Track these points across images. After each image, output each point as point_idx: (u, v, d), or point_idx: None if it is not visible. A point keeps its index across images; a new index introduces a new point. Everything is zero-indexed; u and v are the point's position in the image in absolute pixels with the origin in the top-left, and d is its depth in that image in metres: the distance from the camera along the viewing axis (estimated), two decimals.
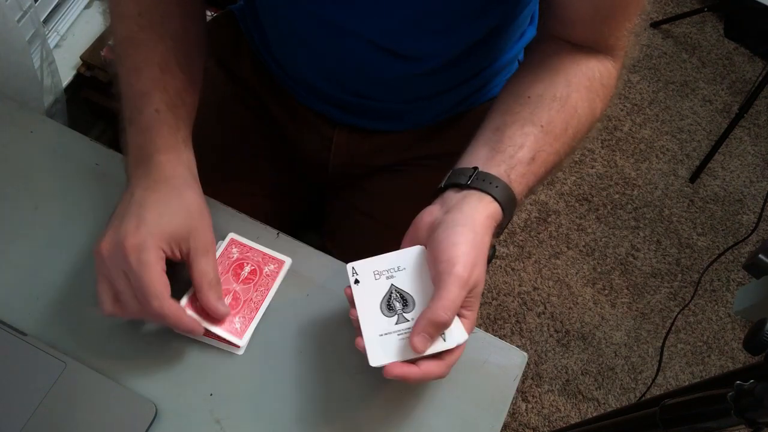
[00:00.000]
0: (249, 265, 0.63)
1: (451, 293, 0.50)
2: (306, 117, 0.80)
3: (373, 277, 0.55)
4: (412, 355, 0.51)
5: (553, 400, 1.47)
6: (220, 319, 0.59)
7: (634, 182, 1.79)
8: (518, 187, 0.56)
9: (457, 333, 0.52)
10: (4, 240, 0.63)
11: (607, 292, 1.62)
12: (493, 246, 0.86)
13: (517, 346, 0.61)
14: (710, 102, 1.96)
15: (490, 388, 0.59)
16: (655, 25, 2.07)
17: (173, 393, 0.57)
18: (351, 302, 0.55)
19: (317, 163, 0.83)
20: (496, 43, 0.71)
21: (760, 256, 0.79)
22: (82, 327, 0.59)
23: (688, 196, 1.79)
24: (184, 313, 0.55)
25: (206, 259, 0.56)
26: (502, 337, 1.19)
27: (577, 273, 1.64)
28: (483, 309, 1.55)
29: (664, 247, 1.71)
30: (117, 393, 0.56)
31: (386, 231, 0.78)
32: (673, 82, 1.99)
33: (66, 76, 1.26)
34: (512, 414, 1.43)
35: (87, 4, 1.33)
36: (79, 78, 1.28)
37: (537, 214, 1.70)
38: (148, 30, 0.62)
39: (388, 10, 0.61)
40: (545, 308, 1.58)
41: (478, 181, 0.55)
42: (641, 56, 2.02)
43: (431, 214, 0.56)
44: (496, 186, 0.55)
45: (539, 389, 1.48)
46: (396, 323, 0.53)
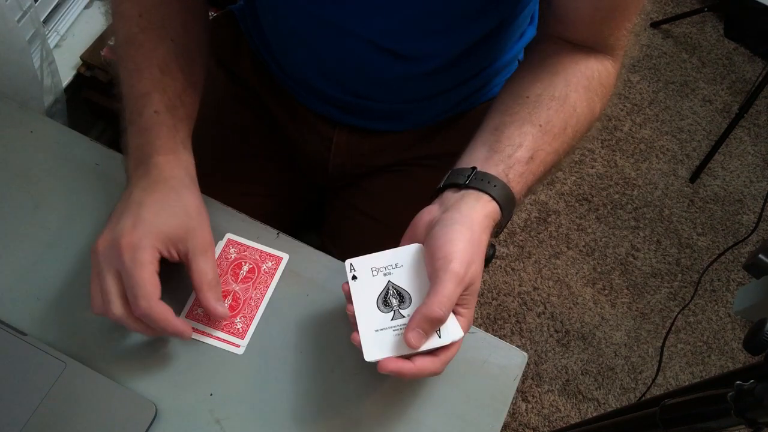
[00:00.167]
0: (247, 264, 0.63)
1: (447, 289, 0.50)
2: (306, 117, 0.80)
3: (371, 273, 0.55)
4: (407, 350, 0.51)
5: (553, 400, 1.47)
6: (220, 320, 0.59)
7: (634, 182, 1.79)
8: (517, 187, 0.56)
9: (453, 330, 0.52)
10: (4, 240, 0.63)
11: (607, 292, 1.62)
12: (492, 246, 0.86)
13: (517, 346, 0.61)
14: (710, 102, 1.96)
15: (490, 388, 0.59)
16: (655, 25, 2.07)
17: (173, 393, 0.57)
18: (348, 298, 0.55)
19: (317, 163, 0.83)
20: (496, 43, 0.71)
21: (760, 256, 0.79)
22: (82, 327, 0.59)
23: (688, 196, 1.79)
24: (172, 315, 0.54)
25: (205, 259, 0.56)
26: (502, 337, 1.19)
27: (577, 273, 1.63)
28: (483, 309, 1.55)
29: (664, 247, 1.71)
30: (117, 393, 0.56)
31: (386, 231, 0.78)
32: (673, 82, 1.98)
33: (66, 76, 1.26)
34: (512, 414, 1.43)
35: (87, 4, 1.33)
36: (79, 78, 1.28)
37: (537, 214, 1.70)
38: (149, 31, 0.62)
39: (388, 11, 0.61)
40: (545, 308, 1.58)
41: (477, 181, 0.55)
42: (641, 56, 2.02)
43: (430, 213, 0.56)
44: (494, 185, 0.55)
45: (539, 389, 1.48)
46: (392, 319, 0.53)
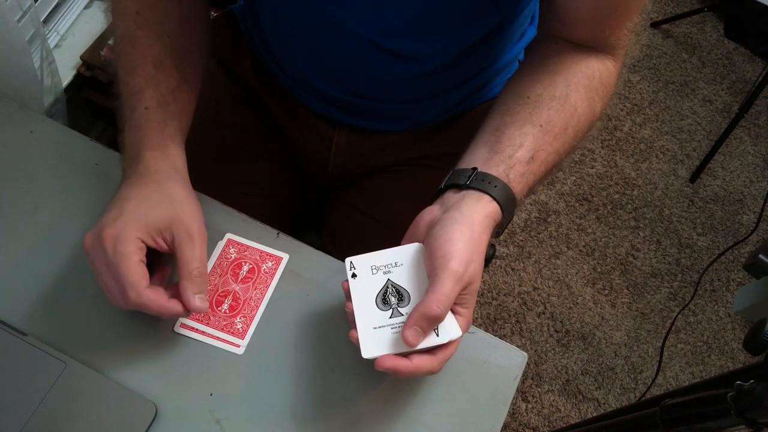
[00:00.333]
0: (247, 264, 0.63)
1: (445, 288, 0.50)
2: (306, 117, 0.80)
3: (371, 271, 0.55)
4: (405, 348, 0.51)
5: (553, 400, 1.47)
6: (198, 313, 0.58)
7: (634, 182, 1.79)
8: (517, 187, 0.56)
9: (451, 329, 0.52)
10: (4, 240, 0.63)
11: (607, 292, 1.62)
12: (492, 246, 0.86)
13: (517, 346, 0.61)
14: (710, 102, 1.96)
15: (490, 388, 0.59)
16: (655, 25, 2.07)
17: (173, 393, 0.57)
18: (347, 296, 0.55)
19: (317, 163, 0.83)
20: (496, 43, 0.71)
21: (760, 256, 0.79)
22: (82, 327, 0.59)
23: (688, 196, 1.79)
24: (166, 299, 0.54)
25: (191, 248, 0.55)
26: (502, 337, 1.19)
27: (577, 273, 1.63)
28: (483, 309, 1.55)
29: (664, 247, 1.71)
30: (117, 393, 0.56)
31: (386, 231, 0.78)
32: (673, 82, 1.98)
33: (66, 76, 1.26)
34: (512, 414, 1.43)
35: (87, 4, 1.33)
36: (79, 78, 1.28)
37: (537, 214, 1.70)
38: (145, 28, 0.62)
39: (389, 10, 0.61)
40: (545, 308, 1.58)
41: (477, 181, 0.55)
42: (641, 56, 2.01)
43: (431, 213, 0.56)
44: (495, 186, 0.55)
45: (539, 389, 1.48)
46: (390, 317, 0.53)
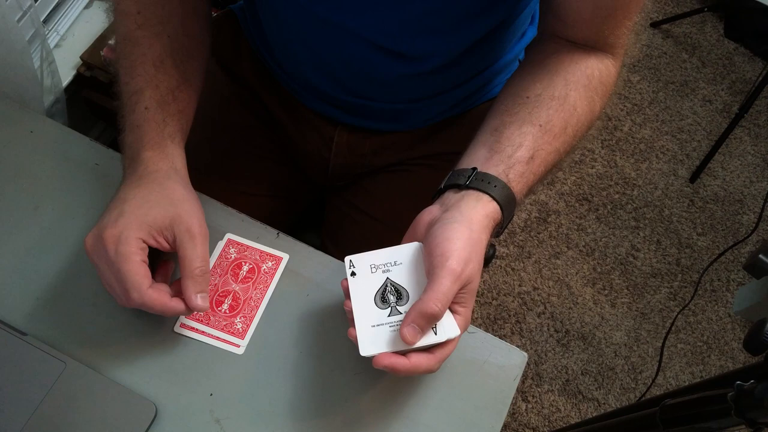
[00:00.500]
0: (247, 264, 0.63)
1: (443, 286, 0.50)
2: (306, 117, 0.80)
3: (370, 270, 0.55)
4: (403, 347, 0.51)
5: (553, 400, 1.47)
6: (197, 311, 0.58)
7: (634, 182, 1.79)
8: (517, 187, 0.56)
9: (449, 327, 0.52)
10: (3, 240, 0.63)
11: (607, 292, 1.62)
12: (492, 246, 0.86)
13: (517, 346, 0.61)
14: (710, 102, 1.96)
15: (490, 388, 0.59)
16: (655, 25, 2.07)
17: (173, 393, 0.57)
18: (346, 294, 0.55)
19: (318, 162, 0.83)
20: (496, 43, 0.71)
21: (760, 256, 0.79)
22: (82, 327, 0.59)
23: (688, 196, 1.79)
24: (168, 298, 0.54)
25: (192, 246, 0.55)
26: (502, 337, 1.19)
27: (577, 273, 1.63)
28: (483, 309, 1.55)
29: (664, 247, 1.71)
30: (117, 393, 0.56)
31: (386, 230, 0.78)
32: (673, 82, 1.98)
33: (66, 76, 1.26)
34: (512, 414, 1.43)
35: (87, 4, 1.33)
36: (79, 78, 1.28)
37: (537, 214, 1.70)
38: (146, 28, 0.62)
39: (389, 11, 0.61)
40: (545, 308, 1.58)
41: (477, 181, 0.55)
42: (641, 56, 2.01)
43: (431, 213, 0.56)
44: (495, 185, 0.55)
45: (539, 389, 1.48)
46: (389, 315, 0.53)
